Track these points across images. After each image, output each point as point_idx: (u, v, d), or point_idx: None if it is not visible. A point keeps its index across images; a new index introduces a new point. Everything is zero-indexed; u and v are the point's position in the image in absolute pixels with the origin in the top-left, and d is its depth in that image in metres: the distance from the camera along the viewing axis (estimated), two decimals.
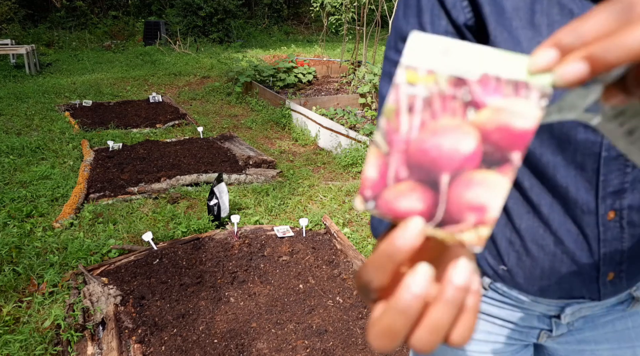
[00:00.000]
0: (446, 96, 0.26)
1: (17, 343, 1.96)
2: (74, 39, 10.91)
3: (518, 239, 0.64)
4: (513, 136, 0.25)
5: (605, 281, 0.63)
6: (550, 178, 0.59)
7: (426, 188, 0.27)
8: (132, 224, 2.96)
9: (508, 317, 0.72)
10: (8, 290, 2.31)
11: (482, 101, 0.25)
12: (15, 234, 2.79)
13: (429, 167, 0.26)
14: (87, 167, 3.68)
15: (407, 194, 0.27)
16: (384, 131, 0.27)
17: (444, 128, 0.26)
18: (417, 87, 0.26)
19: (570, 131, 0.55)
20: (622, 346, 0.72)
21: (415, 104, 0.26)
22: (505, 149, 0.25)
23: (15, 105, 5.59)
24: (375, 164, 0.27)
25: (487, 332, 0.74)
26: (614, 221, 0.60)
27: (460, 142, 0.26)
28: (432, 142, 0.26)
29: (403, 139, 0.27)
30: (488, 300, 0.72)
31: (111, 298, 2.17)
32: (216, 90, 6.64)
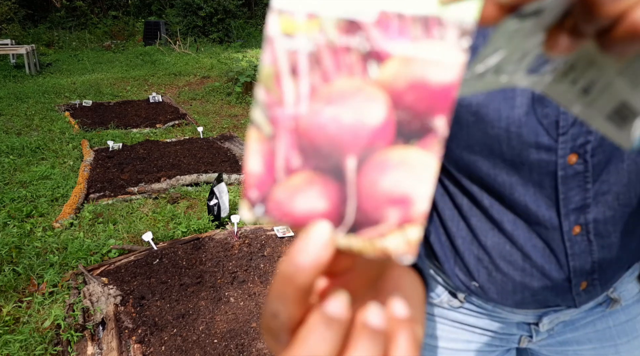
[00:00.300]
0: (337, 47, 0.20)
1: (17, 343, 1.96)
2: (74, 39, 10.91)
3: (486, 255, 0.62)
4: (432, 95, 0.19)
5: (578, 291, 0.62)
6: (508, 197, 0.57)
7: (328, 179, 0.20)
8: (132, 224, 2.96)
9: (487, 326, 0.71)
10: (8, 290, 2.31)
11: (384, 50, 0.19)
12: (15, 234, 2.79)
13: (328, 150, 0.20)
14: (87, 167, 3.68)
15: (304, 190, 0.21)
16: (264, 106, 0.20)
17: (342, 94, 0.20)
18: (297, 39, 0.20)
19: (522, 153, 0.53)
20: (604, 345, 0.71)
21: (299, 64, 0.20)
22: (424, 114, 0.19)
23: (15, 105, 5.60)
24: (258, 153, 0.21)
25: (467, 341, 0.72)
26: (580, 235, 0.58)
27: (364, 111, 0.20)
28: (328, 115, 0.20)
29: (290, 114, 0.20)
30: (465, 311, 0.71)
31: (111, 298, 2.17)
32: (216, 90, 6.64)
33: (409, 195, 0.20)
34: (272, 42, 0.20)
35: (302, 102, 0.20)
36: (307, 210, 0.21)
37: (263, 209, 0.21)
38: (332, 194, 0.20)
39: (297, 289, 0.21)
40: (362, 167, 0.20)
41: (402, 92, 0.19)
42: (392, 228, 0.20)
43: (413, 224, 0.20)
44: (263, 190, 0.21)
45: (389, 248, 0.20)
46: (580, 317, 0.70)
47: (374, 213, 0.20)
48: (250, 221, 0.22)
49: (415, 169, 0.19)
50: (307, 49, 0.20)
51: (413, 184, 0.20)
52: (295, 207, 0.21)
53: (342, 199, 0.20)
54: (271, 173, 0.21)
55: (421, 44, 0.19)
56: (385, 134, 0.20)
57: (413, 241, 0.20)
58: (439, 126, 0.19)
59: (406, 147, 0.20)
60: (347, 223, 0.20)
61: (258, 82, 0.21)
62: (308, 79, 0.20)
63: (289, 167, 0.21)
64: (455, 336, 0.72)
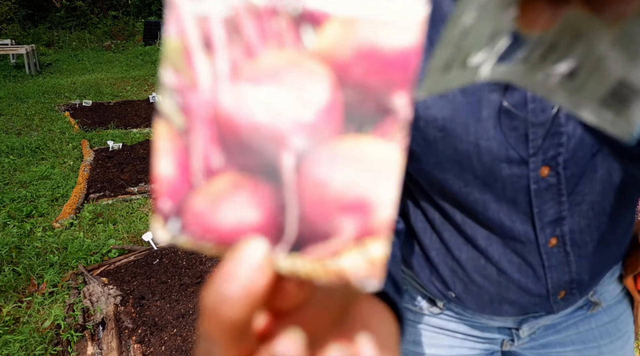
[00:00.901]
0: (260, 10, 0.15)
1: (17, 343, 1.96)
2: (74, 39, 10.92)
3: (460, 269, 0.61)
4: (386, 65, 0.15)
5: (557, 300, 0.61)
6: (482, 214, 0.56)
7: (260, 181, 0.16)
8: (132, 224, 2.96)
9: (468, 331, 0.71)
10: (8, 290, 2.31)
11: (321, 10, 0.15)
12: (15, 234, 2.79)
13: (257, 144, 0.16)
14: (87, 167, 3.68)
15: (229, 197, 0.16)
16: (173, 91, 0.16)
17: (271, 71, 0.15)
18: (207, 1, 0.15)
19: (493, 168, 0.52)
20: (587, 346, 0.71)
21: (213, 35, 0.16)
22: (379, 92, 0.15)
23: (15, 105, 5.60)
24: (169, 152, 0.16)
25: (449, 346, 0.72)
26: (557, 247, 0.57)
27: (301, 91, 0.15)
28: (255, 99, 0.16)
29: (207, 100, 0.16)
30: (445, 317, 0.70)
31: (111, 298, 2.17)
32: None
33: (367, 199, 0.15)
34: (175, 7, 0.15)
35: (221, 84, 0.16)
36: (235, 223, 0.16)
37: (179, 224, 0.17)
38: (267, 200, 0.16)
39: (228, 325, 0.16)
40: (303, 164, 0.15)
41: (348, 64, 0.15)
42: (348, 243, 0.15)
43: (375, 237, 0.15)
44: (177, 199, 0.16)
45: (346, 270, 0.15)
46: (562, 320, 0.70)
47: (323, 223, 0.15)
48: (164, 242, 0.17)
49: (373, 165, 0.15)
50: (222, 14, 0.15)
51: (372, 185, 0.15)
52: (219, 219, 0.16)
53: (280, 208, 0.16)
54: (187, 177, 0.16)
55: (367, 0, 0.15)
56: (330, 120, 0.15)
57: (377, 260, 0.15)
58: (399, 105, 0.15)
59: (359, 136, 0.15)
60: (289, 238, 0.16)
61: (163, 61, 0.16)
62: (227, 53, 0.16)
63: (208, 169, 0.16)
64: (438, 342, 0.72)
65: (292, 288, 0.17)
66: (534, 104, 0.49)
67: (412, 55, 0.14)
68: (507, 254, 0.58)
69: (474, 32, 0.18)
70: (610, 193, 0.56)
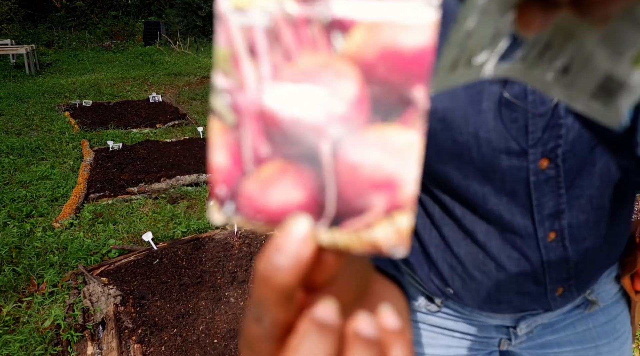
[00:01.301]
0: (296, 20, 0.18)
1: (17, 343, 1.96)
2: (74, 39, 10.91)
3: (459, 264, 0.61)
4: (406, 63, 0.17)
5: (554, 296, 0.61)
6: (481, 207, 0.56)
7: (302, 166, 0.18)
8: (132, 224, 2.96)
9: (466, 330, 0.71)
10: (8, 290, 2.31)
11: (348, 18, 0.17)
12: (15, 234, 2.79)
13: (298, 135, 0.18)
14: (87, 167, 3.68)
15: (276, 181, 0.19)
16: (224, 92, 0.19)
17: (307, 71, 0.18)
18: (251, 13, 0.18)
19: (492, 160, 0.52)
20: (585, 346, 0.71)
21: (256, 42, 0.18)
22: (400, 86, 0.17)
23: (15, 105, 5.59)
24: (222, 145, 0.19)
25: (446, 346, 0.72)
26: (555, 241, 0.57)
27: (334, 88, 0.18)
28: (294, 96, 0.18)
29: (253, 99, 0.18)
30: (443, 315, 0.70)
31: (111, 298, 2.17)
32: None
33: (393, 178, 0.17)
34: (224, 19, 0.18)
35: (265, 84, 0.18)
36: (282, 203, 0.19)
37: (233, 206, 0.19)
38: (309, 183, 0.18)
39: (279, 291, 0.19)
40: (339, 150, 0.18)
41: (373, 63, 0.17)
42: (379, 216, 0.18)
43: (402, 210, 0.18)
44: (231, 185, 0.19)
45: (378, 240, 0.18)
46: (560, 319, 0.70)
47: (357, 200, 0.18)
48: (220, 222, 0.20)
49: (398, 149, 0.17)
50: (263, 24, 0.18)
51: (397, 166, 0.17)
52: (268, 200, 0.19)
53: (320, 188, 0.18)
54: (239, 166, 0.19)
55: (387, 6, 0.17)
56: (359, 112, 0.18)
57: (404, 231, 0.18)
58: (419, 97, 0.17)
59: (385, 125, 0.18)
60: (329, 214, 0.18)
61: (214, 66, 0.19)
62: (269, 58, 0.18)
63: (257, 157, 0.19)
64: (435, 342, 0.72)
65: (331, 259, 0.19)
66: (533, 95, 0.49)
67: (427, 53, 0.17)
68: (506, 249, 0.58)
69: (477, 34, 0.20)
70: (609, 188, 0.56)
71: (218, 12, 0.18)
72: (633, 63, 0.20)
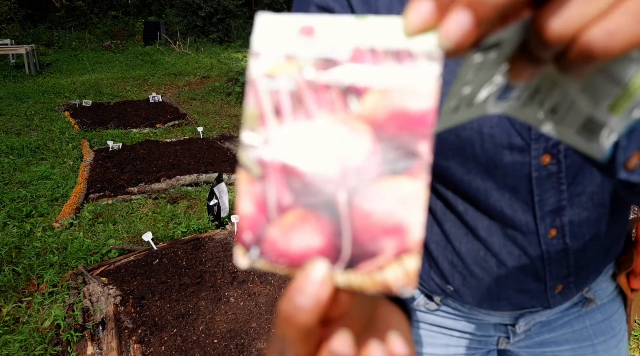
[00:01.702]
0: (317, 85, 0.20)
1: (16, 343, 1.96)
2: (74, 39, 10.91)
3: (460, 261, 0.62)
4: (412, 123, 0.20)
5: (554, 294, 0.62)
6: (483, 202, 0.56)
7: (321, 214, 0.20)
8: (132, 224, 2.96)
9: (464, 328, 0.71)
10: (8, 290, 2.31)
11: (362, 85, 0.20)
12: (15, 234, 2.79)
13: (318, 186, 0.20)
14: (86, 167, 3.68)
15: (298, 228, 0.21)
16: (252, 148, 0.21)
17: (326, 129, 0.21)
18: (278, 79, 0.21)
19: (495, 155, 0.52)
20: (582, 345, 0.71)
21: (282, 104, 0.21)
22: (407, 143, 0.20)
23: (15, 105, 5.59)
24: (249, 195, 0.21)
25: (445, 345, 0.72)
26: (556, 238, 0.57)
27: (350, 144, 0.20)
28: (315, 152, 0.21)
29: (277, 154, 0.21)
30: (442, 314, 0.70)
31: (111, 298, 2.17)
32: (216, 90, 6.64)
33: (402, 224, 0.20)
34: (254, 84, 0.21)
35: (288, 140, 0.21)
36: (303, 247, 0.21)
37: (258, 251, 0.21)
38: (327, 229, 0.20)
39: (299, 329, 0.21)
40: (354, 199, 0.20)
41: (383, 123, 0.20)
42: (389, 259, 0.20)
43: (410, 254, 0.20)
44: (257, 231, 0.21)
45: (389, 281, 0.20)
46: (557, 317, 0.70)
47: (370, 244, 0.20)
48: (245, 267, 0.21)
49: (406, 198, 0.20)
50: (289, 88, 0.20)
51: (405, 213, 0.20)
52: (290, 245, 0.21)
53: (337, 234, 0.20)
54: (264, 214, 0.21)
55: (396, 75, 0.20)
56: (372, 165, 0.20)
57: (412, 272, 0.20)
58: (423, 152, 0.20)
59: (394, 177, 0.20)
60: (344, 257, 0.20)
61: (243, 124, 0.21)
62: (292, 117, 0.21)
63: (280, 206, 0.21)
64: (433, 341, 0.72)
65: (346, 298, 0.21)
66: None
67: (430, 114, 0.19)
68: (507, 245, 0.58)
69: (475, 83, 0.23)
70: (609, 185, 0.56)
71: (249, 77, 0.21)
72: (609, 110, 0.24)
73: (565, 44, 0.20)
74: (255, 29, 0.21)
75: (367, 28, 0.20)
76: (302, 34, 0.20)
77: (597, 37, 0.19)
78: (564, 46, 0.20)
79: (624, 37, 0.19)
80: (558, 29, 0.19)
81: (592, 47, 0.19)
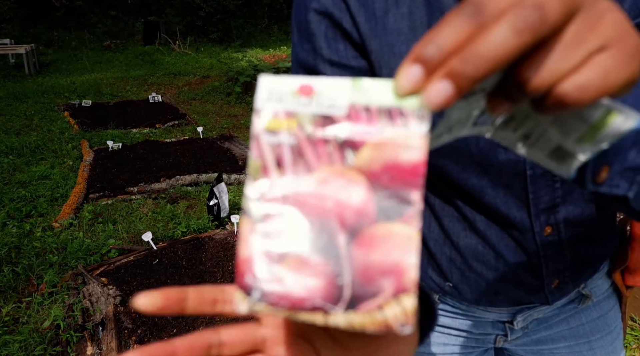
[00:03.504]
0: (316, 140, 0.22)
1: (16, 343, 1.96)
2: (74, 39, 10.91)
3: (459, 256, 0.63)
4: (404, 173, 0.21)
5: (551, 289, 0.63)
6: (479, 200, 0.57)
7: (322, 257, 0.22)
8: (131, 224, 2.96)
9: (462, 326, 0.71)
10: (7, 290, 2.31)
11: (358, 139, 0.22)
12: (15, 234, 2.78)
13: (318, 230, 0.22)
14: (86, 167, 3.68)
15: (299, 270, 0.22)
16: (255, 197, 0.22)
17: (325, 180, 0.22)
18: (279, 134, 0.22)
19: (490, 153, 0.53)
20: (578, 342, 0.72)
21: (283, 156, 0.22)
22: (400, 191, 0.21)
23: (14, 105, 5.59)
24: (249, 241, 0.22)
25: (442, 344, 0.72)
26: (551, 236, 0.58)
27: (347, 193, 0.22)
28: (314, 200, 0.22)
29: (279, 202, 0.22)
30: (440, 312, 0.71)
31: (111, 298, 2.17)
32: (216, 90, 6.64)
33: (398, 265, 0.21)
34: (257, 138, 0.22)
35: (289, 190, 0.22)
36: (305, 289, 0.21)
37: (260, 293, 0.22)
38: (328, 271, 0.21)
39: None
40: (352, 243, 0.22)
41: (377, 174, 0.22)
42: (388, 298, 0.21)
43: (407, 293, 0.21)
44: (258, 275, 0.22)
45: (388, 320, 0.21)
46: (554, 314, 0.71)
47: (370, 285, 0.21)
48: (245, 310, 0.22)
49: (400, 242, 0.21)
50: (289, 142, 0.22)
51: (401, 255, 0.21)
52: (292, 286, 0.22)
53: (338, 275, 0.21)
54: (265, 258, 0.22)
55: (389, 131, 0.22)
56: (368, 212, 0.22)
57: (409, 311, 0.21)
58: (415, 200, 0.21)
59: (389, 222, 0.21)
60: (345, 298, 0.21)
61: (247, 175, 0.23)
62: (292, 169, 0.22)
63: (282, 251, 0.22)
64: (431, 340, 0.72)
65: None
66: None
67: (421, 165, 0.21)
68: (505, 238, 0.60)
69: (458, 117, 0.26)
70: None
71: (252, 132, 0.22)
72: (576, 142, 0.27)
73: (541, 94, 0.22)
74: (258, 89, 0.23)
75: (361, 88, 0.22)
76: (301, 93, 0.22)
77: (569, 90, 0.21)
78: (541, 95, 0.22)
79: (593, 89, 0.21)
80: (535, 82, 0.21)
81: (565, 98, 0.22)
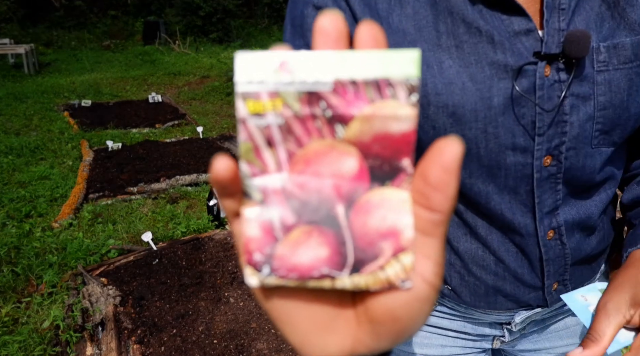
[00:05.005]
0: (304, 117, 0.22)
1: (15, 343, 1.95)
2: (73, 39, 10.90)
3: (458, 260, 0.63)
4: (395, 143, 0.22)
5: (550, 291, 0.63)
6: (484, 205, 0.57)
7: (323, 228, 0.23)
8: (131, 224, 2.96)
9: (460, 328, 0.71)
10: (7, 291, 2.31)
11: (346, 113, 0.22)
12: (14, 234, 2.78)
13: (316, 203, 0.23)
14: (86, 167, 3.67)
15: (304, 242, 0.23)
16: (250, 177, 0.23)
17: (317, 153, 0.22)
18: (266, 116, 0.22)
19: (499, 156, 0.53)
20: (576, 342, 0.72)
21: (273, 136, 0.22)
22: (391, 159, 0.22)
23: (14, 105, 5.59)
24: (253, 220, 0.23)
25: (440, 346, 0.72)
26: (554, 239, 0.59)
27: (340, 164, 0.22)
28: (309, 173, 0.23)
29: (275, 179, 0.23)
30: (438, 313, 0.71)
31: (110, 299, 2.17)
32: (216, 90, 6.64)
33: (395, 227, 0.22)
34: (244, 122, 0.22)
35: (283, 166, 0.23)
36: (311, 259, 0.23)
37: (269, 268, 0.23)
38: (330, 240, 0.23)
39: None
40: (350, 212, 0.23)
41: (368, 145, 0.22)
42: (388, 258, 0.22)
43: (405, 252, 0.22)
44: (265, 251, 0.23)
45: (391, 277, 0.22)
46: (552, 316, 0.71)
47: (370, 249, 0.23)
48: (256, 285, 0.23)
49: (395, 205, 0.22)
50: (277, 122, 0.22)
51: (396, 218, 0.22)
52: (299, 259, 0.23)
53: (341, 243, 0.23)
54: (270, 234, 0.23)
55: (377, 103, 0.21)
56: (362, 180, 0.22)
57: (409, 267, 0.22)
58: (406, 165, 0.22)
59: (382, 188, 0.22)
60: (349, 263, 0.23)
61: (239, 157, 0.22)
62: (284, 146, 0.22)
63: (285, 226, 0.23)
64: (429, 342, 0.72)
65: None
66: (542, 91, 0.50)
67: (411, 135, 0.22)
68: (506, 243, 0.59)
69: None
70: (594, 183, 0.58)
71: (238, 116, 0.22)
72: None
73: None
74: (236, 68, 0.22)
75: (346, 61, 0.21)
76: (283, 69, 0.21)
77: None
78: None
79: None
80: None
81: None
